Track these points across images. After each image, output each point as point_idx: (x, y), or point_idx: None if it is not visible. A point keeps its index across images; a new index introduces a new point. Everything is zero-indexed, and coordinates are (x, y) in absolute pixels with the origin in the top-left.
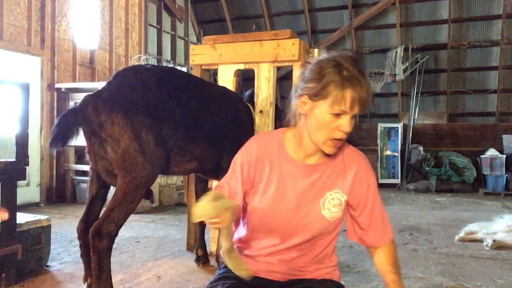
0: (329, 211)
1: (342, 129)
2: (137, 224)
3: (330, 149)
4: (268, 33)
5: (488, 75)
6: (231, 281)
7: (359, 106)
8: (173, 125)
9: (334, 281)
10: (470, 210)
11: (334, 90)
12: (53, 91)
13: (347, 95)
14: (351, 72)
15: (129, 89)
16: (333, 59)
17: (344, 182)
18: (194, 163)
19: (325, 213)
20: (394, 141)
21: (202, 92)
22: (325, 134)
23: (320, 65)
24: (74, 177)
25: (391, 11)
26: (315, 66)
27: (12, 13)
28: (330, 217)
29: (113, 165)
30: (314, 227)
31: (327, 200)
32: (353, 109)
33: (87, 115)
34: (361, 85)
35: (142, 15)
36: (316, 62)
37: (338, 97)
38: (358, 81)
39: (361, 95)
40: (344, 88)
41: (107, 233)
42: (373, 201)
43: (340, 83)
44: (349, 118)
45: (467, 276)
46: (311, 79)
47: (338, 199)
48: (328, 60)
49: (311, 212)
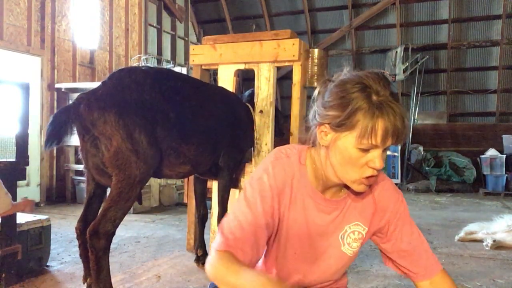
0: (349, 247)
1: (373, 166)
2: (137, 224)
3: (361, 187)
4: (268, 33)
5: (488, 75)
6: None
7: (393, 139)
8: (166, 126)
9: None
10: (470, 210)
11: (363, 120)
12: (53, 91)
13: (378, 127)
14: (383, 97)
15: (123, 89)
16: (360, 81)
17: (365, 212)
18: (188, 166)
19: (345, 249)
20: None
21: (198, 93)
22: (354, 172)
23: (344, 87)
24: (74, 177)
25: (391, 11)
26: (338, 88)
27: (12, 13)
28: (351, 253)
29: (106, 164)
30: (333, 265)
31: (347, 234)
32: (385, 143)
33: (80, 113)
34: (394, 113)
35: (142, 15)
36: (338, 83)
37: (368, 129)
38: (392, 108)
39: (396, 125)
40: (375, 118)
41: (105, 232)
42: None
43: (370, 112)
44: (381, 153)
45: (467, 276)
46: (333, 105)
47: (359, 232)
48: (353, 82)
49: (330, 249)
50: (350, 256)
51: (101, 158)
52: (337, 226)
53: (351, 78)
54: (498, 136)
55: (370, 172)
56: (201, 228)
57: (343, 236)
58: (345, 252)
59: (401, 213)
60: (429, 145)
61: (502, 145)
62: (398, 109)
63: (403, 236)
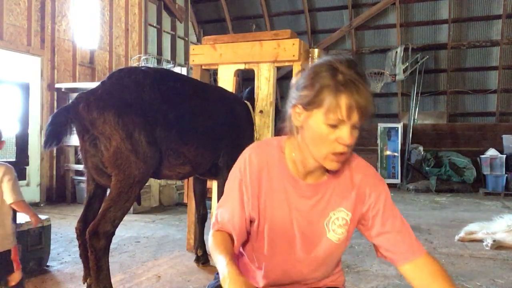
0: (334, 233)
1: (342, 142)
2: (137, 224)
3: (332, 164)
4: (268, 33)
5: (488, 75)
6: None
7: (358, 114)
8: (166, 127)
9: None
10: (470, 210)
11: (328, 97)
12: (53, 91)
13: (342, 102)
14: (347, 76)
15: (123, 89)
16: (328, 63)
17: (349, 198)
18: (187, 167)
19: (331, 236)
20: (394, 141)
21: (197, 94)
22: (324, 149)
23: (314, 70)
24: (74, 177)
25: (391, 11)
26: (309, 71)
27: (12, 13)
28: (337, 240)
29: (106, 164)
30: (321, 252)
31: (331, 220)
32: (351, 118)
33: (79, 112)
34: (358, 90)
35: (142, 15)
36: (310, 67)
37: (333, 105)
38: (355, 85)
39: (359, 101)
40: (339, 94)
41: (104, 232)
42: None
43: (334, 88)
44: (349, 129)
45: (467, 276)
46: (304, 86)
47: (343, 218)
48: (322, 64)
49: (315, 237)
50: (336, 243)
51: (100, 158)
52: (321, 212)
53: (321, 61)
54: (498, 136)
55: (341, 148)
56: (201, 228)
57: (327, 223)
58: (331, 239)
59: (383, 198)
60: (429, 145)
61: (502, 145)
62: (362, 86)
63: (385, 220)
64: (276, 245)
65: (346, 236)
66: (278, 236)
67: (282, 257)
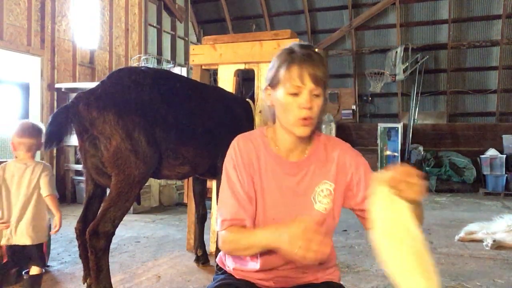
0: (321, 204)
1: (303, 106)
2: (137, 224)
3: (300, 129)
4: (268, 33)
5: (488, 75)
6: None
7: (311, 80)
8: (165, 127)
9: (336, 283)
10: (470, 210)
11: (284, 71)
12: (53, 91)
13: (293, 71)
14: (299, 53)
15: (123, 89)
16: (288, 47)
17: (330, 171)
18: (187, 167)
19: (318, 207)
20: (394, 141)
21: (197, 94)
22: (291, 116)
23: (277, 55)
24: (74, 177)
25: (391, 11)
26: (275, 57)
27: (12, 13)
28: (324, 210)
29: (106, 163)
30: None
31: (317, 193)
32: (304, 83)
33: (79, 112)
34: (307, 61)
35: (142, 15)
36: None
37: (287, 76)
38: (305, 58)
39: (308, 69)
40: (291, 66)
41: (104, 232)
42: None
43: (288, 63)
44: (307, 95)
45: (467, 276)
46: (269, 69)
47: (327, 189)
48: (283, 49)
49: (305, 210)
50: (324, 213)
51: (100, 158)
52: (306, 188)
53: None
54: (498, 136)
55: (304, 113)
56: (200, 228)
57: (314, 196)
58: (319, 210)
59: (362, 166)
60: (429, 145)
61: (502, 145)
62: (312, 59)
63: (369, 184)
64: (269, 222)
65: (332, 206)
66: (270, 214)
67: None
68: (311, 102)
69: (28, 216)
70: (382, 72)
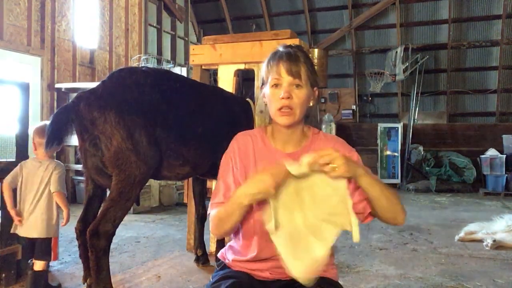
0: None
1: (281, 96)
2: (137, 224)
3: (281, 119)
4: (268, 33)
5: (488, 75)
6: (232, 280)
7: (287, 72)
8: (166, 127)
9: (328, 279)
10: (470, 210)
11: (267, 68)
12: (53, 91)
13: (273, 66)
14: (280, 52)
15: (124, 89)
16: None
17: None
18: (187, 168)
19: None
20: (394, 141)
21: (197, 94)
22: (273, 106)
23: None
24: (74, 177)
25: (391, 11)
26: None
27: (12, 13)
28: None
29: (106, 163)
30: None
31: None
32: (281, 75)
33: (79, 111)
34: (283, 57)
35: (142, 15)
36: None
37: (268, 71)
38: (283, 54)
39: (284, 63)
40: (272, 63)
41: (105, 232)
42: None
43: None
44: (286, 87)
45: (467, 276)
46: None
47: None
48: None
49: None
50: None
51: (100, 157)
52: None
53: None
54: (498, 136)
55: (282, 102)
56: (200, 228)
57: None
58: None
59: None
60: (429, 145)
61: (502, 145)
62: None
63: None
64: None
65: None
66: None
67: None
68: (290, 93)
69: (38, 211)
70: (382, 72)
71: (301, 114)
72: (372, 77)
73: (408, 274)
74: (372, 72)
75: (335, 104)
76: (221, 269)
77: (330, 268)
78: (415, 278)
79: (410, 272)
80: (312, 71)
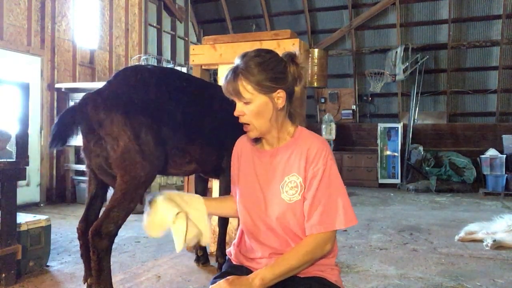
0: (287, 194)
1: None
2: (137, 224)
3: (248, 134)
4: (268, 33)
5: (488, 75)
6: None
7: (229, 95)
8: (173, 126)
9: (323, 279)
10: (470, 210)
11: None
12: (53, 91)
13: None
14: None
15: (129, 89)
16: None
17: (300, 164)
18: (193, 165)
19: (284, 196)
20: (394, 141)
21: (203, 93)
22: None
23: None
24: (74, 177)
25: (391, 11)
26: None
27: (12, 13)
28: (288, 200)
29: (112, 164)
30: (276, 210)
31: (286, 183)
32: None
33: (87, 113)
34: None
35: (142, 15)
36: None
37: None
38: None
39: (223, 87)
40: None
41: (107, 233)
42: (318, 182)
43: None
44: (237, 105)
45: (467, 276)
46: None
47: (294, 181)
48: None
49: (273, 197)
50: (288, 203)
51: (106, 158)
52: (278, 176)
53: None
54: (498, 136)
55: (240, 119)
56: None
57: (282, 185)
58: (284, 199)
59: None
60: (429, 145)
61: (502, 145)
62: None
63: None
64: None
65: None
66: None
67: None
68: (241, 110)
69: None
70: (382, 72)
71: (263, 124)
72: (372, 77)
73: (408, 274)
74: (372, 72)
75: (335, 104)
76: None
77: (329, 269)
78: (415, 278)
79: (410, 272)
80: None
